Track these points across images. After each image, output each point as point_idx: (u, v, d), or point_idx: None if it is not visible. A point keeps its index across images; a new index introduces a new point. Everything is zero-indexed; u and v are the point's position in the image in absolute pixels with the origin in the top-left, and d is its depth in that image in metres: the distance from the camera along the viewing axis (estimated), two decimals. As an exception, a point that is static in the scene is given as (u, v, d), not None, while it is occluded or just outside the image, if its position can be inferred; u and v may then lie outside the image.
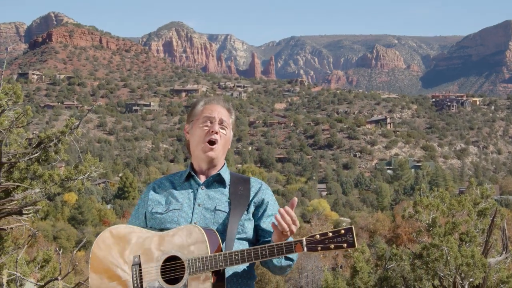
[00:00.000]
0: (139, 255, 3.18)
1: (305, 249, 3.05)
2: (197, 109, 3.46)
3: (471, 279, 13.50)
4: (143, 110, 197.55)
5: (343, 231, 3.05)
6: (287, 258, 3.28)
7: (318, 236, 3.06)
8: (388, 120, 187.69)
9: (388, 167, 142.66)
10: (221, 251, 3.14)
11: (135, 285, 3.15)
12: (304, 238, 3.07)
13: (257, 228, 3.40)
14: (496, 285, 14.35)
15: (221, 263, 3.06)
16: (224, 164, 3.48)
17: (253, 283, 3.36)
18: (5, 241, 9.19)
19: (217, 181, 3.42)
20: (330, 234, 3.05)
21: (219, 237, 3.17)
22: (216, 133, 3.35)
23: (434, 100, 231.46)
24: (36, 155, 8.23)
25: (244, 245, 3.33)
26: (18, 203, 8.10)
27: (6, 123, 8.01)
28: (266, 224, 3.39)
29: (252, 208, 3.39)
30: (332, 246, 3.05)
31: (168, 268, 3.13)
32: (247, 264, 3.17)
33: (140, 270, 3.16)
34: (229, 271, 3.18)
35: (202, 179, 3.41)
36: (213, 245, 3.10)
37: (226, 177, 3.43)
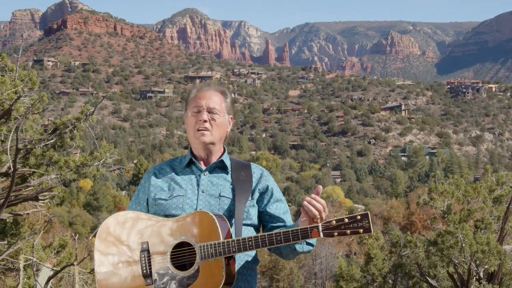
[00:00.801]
0: (147, 242, 3.17)
1: (321, 234, 3.04)
2: (190, 97, 3.45)
3: (486, 266, 13.46)
4: (157, 97, 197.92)
5: (359, 217, 3.04)
6: (308, 243, 3.28)
7: (334, 222, 3.05)
8: (403, 107, 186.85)
9: (402, 154, 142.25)
10: (231, 236, 3.16)
11: (144, 271, 3.13)
12: (320, 224, 3.06)
13: (263, 214, 3.41)
14: (511, 272, 14.30)
15: (234, 249, 3.05)
16: (225, 150, 3.48)
17: (256, 267, 3.38)
18: (22, 226, 9.25)
19: (219, 167, 3.41)
20: (346, 220, 3.04)
21: (228, 223, 3.18)
22: (205, 121, 3.35)
23: (449, 86, 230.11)
24: (51, 141, 8.26)
25: (251, 231, 3.34)
26: (34, 189, 8.15)
27: (22, 109, 8.05)
28: (273, 209, 3.39)
29: (256, 195, 3.39)
30: (348, 231, 3.04)
31: (178, 254, 3.12)
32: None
33: (149, 256, 3.15)
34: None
35: (202, 165, 3.40)
36: (224, 230, 3.11)
37: (228, 163, 3.43)
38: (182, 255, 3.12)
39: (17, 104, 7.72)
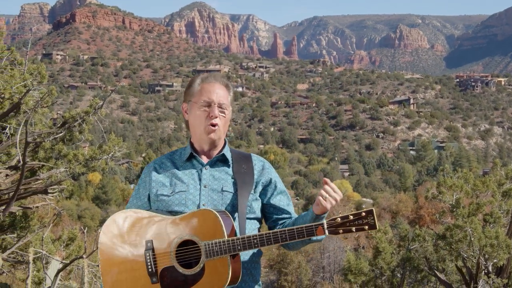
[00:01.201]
0: (151, 240, 3.15)
1: (327, 232, 3.04)
2: (194, 88, 3.37)
3: (495, 260, 13.43)
4: (165, 91, 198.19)
5: (364, 214, 3.04)
6: None
7: (339, 219, 3.05)
8: (412, 101, 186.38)
9: (411, 148, 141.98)
10: (235, 232, 3.15)
11: (150, 270, 3.12)
12: (325, 221, 3.06)
13: (267, 206, 3.39)
14: (520, 266, 14.25)
15: (239, 247, 3.05)
16: (225, 142, 3.45)
17: (260, 259, 3.37)
18: (31, 219, 9.29)
19: (220, 160, 3.38)
20: (351, 217, 3.04)
21: (232, 219, 3.17)
22: (216, 117, 3.31)
23: (458, 80, 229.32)
24: (60, 135, 8.28)
25: (255, 224, 3.33)
26: (43, 182, 8.17)
27: (31, 103, 8.07)
28: (277, 201, 3.38)
29: (259, 188, 3.37)
30: (354, 228, 3.04)
31: (183, 253, 3.11)
32: None
33: (154, 255, 3.14)
34: None
35: (203, 159, 3.37)
36: (228, 227, 3.10)
37: (229, 155, 3.40)
38: (187, 253, 3.11)
39: (26, 97, 7.74)
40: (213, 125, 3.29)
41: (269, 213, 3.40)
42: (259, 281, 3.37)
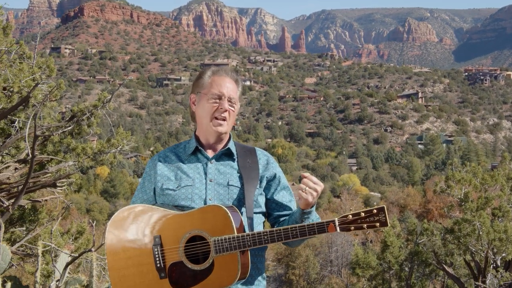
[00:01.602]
0: (159, 235, 3.14)
1: (338, 229, 3.04)
2: (204, 80, 3.36)
3: (503, 254, 13.41)
4: (173, 85, 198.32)
5: (375, 211, 3.04)
6: None
7: (350, 216, 3.05)
8: (420, 95, 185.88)
9: (419, 142, 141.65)
10: (243, 227, 3.15)
11: (158, 265, 3.11)
12: (336, 219, 3.06)
13: (269, 202, 3.38)
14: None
15: (249, 243, 3.05)
16: (230, 136, 3.45)
17: (264, 253, 3.37)
18: (40, 213, 9.32)
19: (225, 154, 3.37)
20: (363, 214, 3.04)
21: (240, 214, 3.16)
22: (226, 110, 3.30)
23: (466, 74, 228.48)
24: (69, 128, 8.29)
25: (260, 218, 3.33)
26: (52, 175, 8.19)
27: (40, 96, 8.08)
28: (280, 197, 3.37)
29: (264, 183, 3.36)
30: (365, 225, 3.04)
31: (192, 248, 3.10)
32: None
33: (162, 250, 3.13)
34: None
35: (208, 152, 3.35)
36: (236, 223, 3.09)
37: (234, 149, 3.39)
38: (196, 248, 3.11)
39: (35, 91, 7.76)
40: (223, 119, 3.28)
41: (271, 209, 3.39)
42: (264, 274, 3.37)
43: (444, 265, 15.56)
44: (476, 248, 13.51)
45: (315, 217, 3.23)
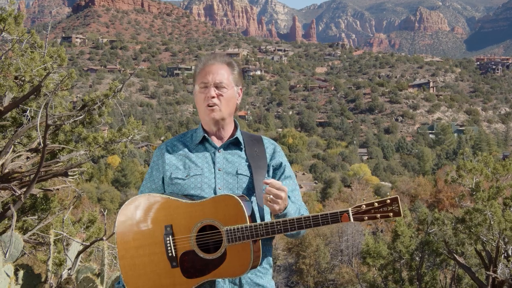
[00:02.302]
0: (171, 225, 3.14)
1: (352, 219, 3.04)
2: (196, 72, 3.41)
3: (514, 244, 13.37)
4: (184, 74, 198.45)
5: (389, 201, 3.03)
6: None
7: (364, 206, 3.04)
8: (431, 84, 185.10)
9: (430, 131, 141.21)
10: (255, 217, 3.16)
11: (170, 254, 3.12)
12: (350, 209, 3.05)
13: None
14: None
15: (262, 233, 3.05)
16: (237, 125, 3.45)
17: (272, 242, 3.38)
18: (52, 201, 9.36)
19: (233, 143, 3.37)
20: (376, 204, 3.04)
21: (251, 204, 3.17)
22: (213, 97, 3.31)
23: (478, 63, 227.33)
24: (80, 117, 8.31)
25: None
26: (63, 164, 8.22)
27: (51, 85, 8.10)
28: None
29: (271, 172, 3.38)
30: (379, 215, 3.04)
31: (204, 237, 3.11)
32: None
33: (174, 239, 3.13)
34: None
35: (215, 140, 3.36)
36: (248, 212, 3.10)
37: (241, 138, 3.39)
38: (207, 238, 3.12)
39: (47, 80, 7.78)
40: (210, 106, 3.29)
41: None
42: (271, 262, 3.39)
43: (455, 255, 15.54)
44: (487, 237, 13.48)
45: (294, 213, 3.21)
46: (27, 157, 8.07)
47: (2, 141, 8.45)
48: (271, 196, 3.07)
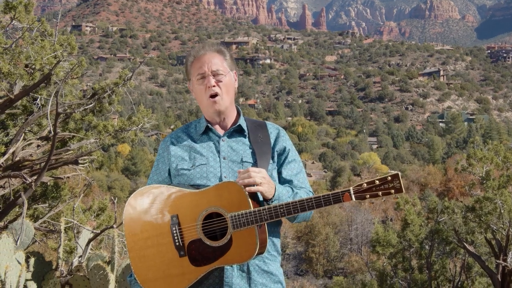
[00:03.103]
0: (176, 215, 3.16)
1: (353, 198, 3.03)
2: (188, 66, 3.41)
3: (524, 233, 13.35)
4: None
5: (389, 178, 3.02)
6: None
7: (365, 184, 3.03)
8: (441, 72, 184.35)
9: (440, 120, 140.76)
10: (259, 202, 3.17)
11: (177, 244, 3.14)
12: (351, 188, 3.05)
13: (278, 174, 3.40)
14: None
15: (266, 217, 3.06)
16: (240, 112, 3.45)
17: (279, 229, 3.39)
18: (62, 189, 9.41)
19: (236, 130, 3.38)
20: (377, 182, 3.02)
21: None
22: (213, 86, 3.32)
23: (489, 51, 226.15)
24: (90, 106, 8.33)
25: None
26: (74, 152, 8.25)
27: (61, 74, 8.12)
28: (286, 171, 3.38)
29: (275, 156, 3.38)
30: (380, 193, 3.02)
31: (209, 225, 3.13)
32: None
33: (180, 229, 3.15)
34: None
35: (218, 129, 3.38)
36: (252, 198, 3.11)
37: (244, 125, 3.40)
38: (213, 225, 3.13)
39: (57, 68, 7.79)
40: (213, 96, 3.30)
41: (279, 182, 3.38)
42: (279, 249, 3.40)
43: (464, 243, 15.52)
44: (497, 226, 13.45)
45: (288, 197, 3.22)
46: (38, 145, 8.11)
47: (13, 129, 8.48)
48: (256, 179, 3.06)
